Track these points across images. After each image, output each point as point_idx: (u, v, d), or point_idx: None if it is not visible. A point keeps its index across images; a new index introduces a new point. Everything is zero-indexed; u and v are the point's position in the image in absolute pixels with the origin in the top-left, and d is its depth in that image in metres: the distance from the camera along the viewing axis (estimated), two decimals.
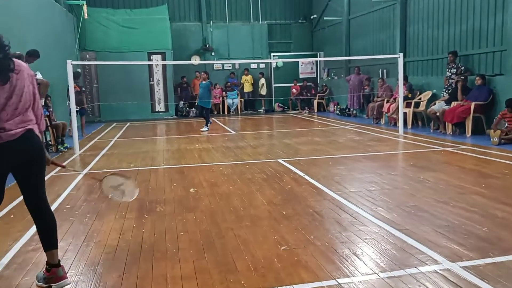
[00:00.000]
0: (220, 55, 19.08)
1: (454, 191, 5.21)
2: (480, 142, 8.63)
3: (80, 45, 16.45)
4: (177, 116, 17.84)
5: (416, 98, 11.84)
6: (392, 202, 4.88)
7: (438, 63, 11.79)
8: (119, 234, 4.13)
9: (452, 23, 11.10)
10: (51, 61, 11.84)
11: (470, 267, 3.15)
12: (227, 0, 19.30)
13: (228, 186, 5.89)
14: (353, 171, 6.56)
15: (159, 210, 4.89)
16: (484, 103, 9.43)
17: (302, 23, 20.12)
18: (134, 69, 16.93)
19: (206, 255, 3.55)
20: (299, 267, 3.26)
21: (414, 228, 3.99)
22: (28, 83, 3.08)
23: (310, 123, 13.96)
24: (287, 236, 3.91)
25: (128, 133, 12.72)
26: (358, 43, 16.17)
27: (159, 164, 7.69)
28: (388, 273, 3.11)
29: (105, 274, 3.29)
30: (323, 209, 4.70)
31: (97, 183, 4.19)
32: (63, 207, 5.14)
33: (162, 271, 3.29)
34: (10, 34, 4.60)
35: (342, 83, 16.64)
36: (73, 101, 9.33)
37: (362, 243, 3.69)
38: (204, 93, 12.49)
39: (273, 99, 19.34)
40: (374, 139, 9.76)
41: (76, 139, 9.29)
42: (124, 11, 17.61)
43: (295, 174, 6.45)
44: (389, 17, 13.96)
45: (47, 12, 12.45)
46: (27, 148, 3.06)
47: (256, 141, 10.24)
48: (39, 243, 3.90)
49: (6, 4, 9.00)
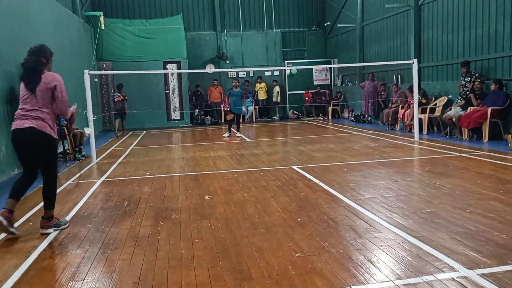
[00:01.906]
0: (234, 63, 19.22)
1: (471, 197, 5.14)
2: (498, 148, 8.50)
3: (97, 55, 16.75)
4: (192, 124, 17.98)
5: (431, 103, 11.73)
6: (408, 208, 4.83)
7: (454, 68, 11.67)
8: (135, 242, 4.17)
9: (467, 27, 11.00)
10: (69, 71, 12.08)
11: (488, 274, 3.10)
12: (241, 9, 19.45)
13: (242, 193, 5.91)
14: (368, 178, 6.52)
15: (174, 218, 4.93)
16: (501, 108, 9.30)
17: (315, 30, 20.15)
18: (150, 78, 17.18)
19: (221, 262, 3.57)
20: (313, 274, 3.25)
21: (431, 235, 3.95)
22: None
23: (324, 130, 13.92)
24: (301, 243, 3.90)
25: (144, 141, 12.85)
26: (372, 50, 16.12)
27: (174, 172, 7.76)
28: (404, 281, 3.08)
29: (121, 281, 3.32)
30: (338, 216, 4.68)
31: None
32: (80, 214, 5.22)
33: (177, 278, 3.31)
34: (30, 44, 4.73)
35: (357, 90, 16.58)
36: (90, 110, 9.47)
37: (377, 250, 3.67)
38: (237, 100, 12.82)
39: (287, 106, 19.36)
40: (389, 145, 9.69)
41: (93, 148, 9.44)
42: (140, 22, 17.88)
43: (309, 181, 6.44)
44: (403, 23, 13.90)
45: (65, 23, 12.72)
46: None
47: (270, 148, 10.25)
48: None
49: (25, 16, 9.23)
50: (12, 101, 8.17)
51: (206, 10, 19.23)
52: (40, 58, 4.56)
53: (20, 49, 8.75)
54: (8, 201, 4.49)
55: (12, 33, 8.44)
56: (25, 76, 4.54)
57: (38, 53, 4.57)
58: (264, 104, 18.92)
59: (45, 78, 4.48)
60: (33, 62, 4.52)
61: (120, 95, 14.64)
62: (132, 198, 5.93)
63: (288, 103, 19.32)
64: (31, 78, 4.49)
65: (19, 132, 4.46)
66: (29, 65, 4.52)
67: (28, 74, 4.52)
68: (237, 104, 12.86)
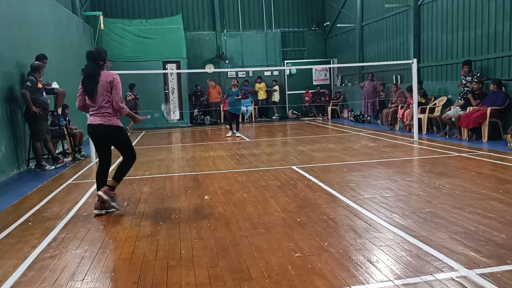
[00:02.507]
0: (234, 63, 19.22)
1: (471, 197, 5.15)
2: (497, 148, 8.50)
3: None
4: (192, 124, 17.97)
5: (430, 103, 11.74)
6: (407, 208, 4.83)
7: (453, 68, 11.68)
8: (134, 242, 4.17)
9: (466, 28, 11.01)
10: (68, 71, 12.07)
11: (487, 274, 3.10)
12: (240, 9, 19.45)
13: (242, 193, 5.91)
14: (367, 178, 6.52)
15: (174, 218, 4.93)
16: (500, 108, 9.31)
17: (315, 30, 20.16)
18: (149, 78, 17.17)
19: (220, 263, 3.56)
20: (313, 274, 3.25)
21: (430, 235, 3.95)
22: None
23: (324, 130, 13.92)
24: (301, 243, 3.90)
25: (144, 141, 12.85)
26: (371, 49, 16.13)
27: (174, 172, 7.75)
28: (403, 280, 3.08)
29: (121, 281, 3.32)
30: (338, 216, 4.68)
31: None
32: (80, 214, 5.22)
33: (176, 278, 3.31)
34: (29, 45, 4.75)
35: (356, 90, 16.59)
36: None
37: (377, 250, 3.67)
38: (234, 100, 12.81)
39: (287, 106, 19.36)
40: (389, 145, 9.69)
41: (92, 148, 9.41)
42: (139, 22, 17.88)
43: (309, 181, 6.44)
44: (403, 23, 13.90)
45: (65, 24, 12.72)
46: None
47: (270, 148, 10.25)
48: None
49: (25, 16, 9.22)
50: (11, 101, 8.17)
51: (206, 10, 19.23)
52: (99, 62, 5.17)
53: (20, 50, 8.78)
54: (109, 181, 5.29)
55: (12, 33, 8.43)
56: (86, 83, 5.12)
57: (96, 58, 5.18)
58: (263, 104, 18.92)
59: (104, 77, 5.07)
60: (92, 68, 5.14)
61: (132, 94, 15.52)
62: (132, 198, 5.92)
63: (287, 103, 19.33)
64: (91, 84, 5.07)
65: (93, 127, 5.16)
66: (89, 71, 5.12)
67: (88, 80, 5.10)
68: (234, 104, 12.87)
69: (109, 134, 5.15)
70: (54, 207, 5.59)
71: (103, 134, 5.13)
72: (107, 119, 5.07)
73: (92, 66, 5.13)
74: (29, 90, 8.05)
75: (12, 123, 8.13)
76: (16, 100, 8.38)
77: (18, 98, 8.41)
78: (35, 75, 8.26)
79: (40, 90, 8.37)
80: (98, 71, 5.10)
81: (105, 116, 5.07)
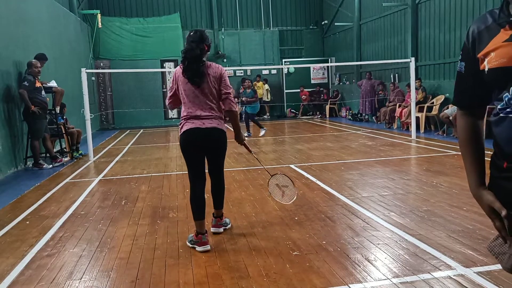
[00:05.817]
0: (232, 62, 19.19)
1: (468, 196, 5.14)
2: None
3: (94, 53, 16.71)
4: None
5: (428, 102, 11.75)
6: (405, 207, 4.84)
7: (451, 66, 11.69)
8: (132, 240, 4.17)
9: (464, 26, 11.02)
10: (66, 69, 12.05)
11: (485, 272, 3.11)
12: (238, 8, 19.42)
13: (240, 192, 5.91)
14: (365, 176, 6.53)
15: (172, 216, 4.93)
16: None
17: (313, 29, 20.15)
18: (147, 77, 17.16)
19: (218, 261, 3.57)
20: (311, 273, 3.25)
21: (428, 233, 3.96)
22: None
23: (322, 129, 13.93)
24: (299, 242, 3.90)
25: (142, 140, 12.83)
26: (369, 48, 16.13)
27: (172, 171, 7.75)
28: (401, 279, 3.09)
29: (119, 279, 3.32)
30: (335, 215, 4.69)
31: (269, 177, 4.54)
32: (78, 213, 5.21)
33: (174, 277, 3.31)
34: (27, 43, 4.71)
35: (354, 88, 16.60)
36: (87, 108, 9.43)
37: (374, 249, 3.67)
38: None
39: (284, 105, 19.35)
40: (386, 144, 9.70)
41: (90, 146, 9.41)
42: (137, 20, 17.86)
43: (307, 180, 6.44)
44: (400, 22, 13.91)
45: (62, 22, 12.68)
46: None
47: (268, 147, 10.25)
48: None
49: (23, 14, 9.19)
50: (8, 99, 8.14)
51: (204, 9, 19.19)
52: (204, 45, 3.93)
53: (17, 48, 8.76)
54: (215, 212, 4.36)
55: (9, 32, 8.40)
56: (189, 69, 3.90)
57: (204, 39, 3.93)
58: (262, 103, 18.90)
59: (211, 68, 3.96)
60: (199, 50, 3.87)
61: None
62: (130, 196, 5.92)
63: (285, 102, 19.32)
64: (197, 71, 3.87)
65: (205, 132, 3.93)
66: (193, 53, 3.86)
67: (191, 65, 3.88)
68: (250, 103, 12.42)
69: (221, 141, 4.03)
70: (52, 205, 5.59)
71: (217, 140, 3.98)
72: (219, 121, 3.96)
73: (198, 48, 3.86)
74: (26, 89, 8.03)
75: (9, 122, 8.11)
76: (13, 99, 8.36)
77: (15, 97, 8.39)
78: (31, 72, 8.23)
79: (39, 89, 8.34)
80: (202, 57, 3.91)
81: (216, 118, 3.93)
